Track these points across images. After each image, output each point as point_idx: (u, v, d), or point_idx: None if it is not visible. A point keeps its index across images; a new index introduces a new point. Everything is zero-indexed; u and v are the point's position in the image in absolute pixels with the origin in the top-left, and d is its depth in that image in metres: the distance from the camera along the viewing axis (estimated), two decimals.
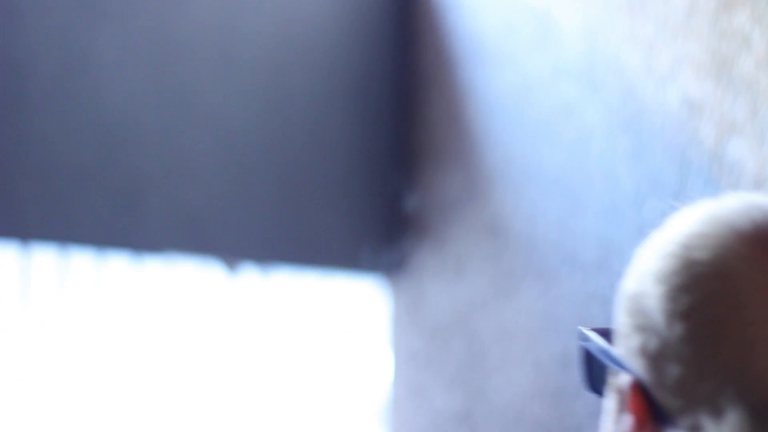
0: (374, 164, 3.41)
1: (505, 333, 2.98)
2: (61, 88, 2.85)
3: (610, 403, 0.87)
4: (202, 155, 3.02)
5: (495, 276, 3.04)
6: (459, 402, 3.26)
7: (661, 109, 2.28)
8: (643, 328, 0.81)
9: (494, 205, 3.03)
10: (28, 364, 2.99)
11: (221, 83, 3.07)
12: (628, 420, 0.81)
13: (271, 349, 3.50)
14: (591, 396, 2.62)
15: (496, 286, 3.04)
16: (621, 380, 0.83)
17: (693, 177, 2.18)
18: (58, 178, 2.83)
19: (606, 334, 0.89)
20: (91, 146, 2.87)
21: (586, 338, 0.90)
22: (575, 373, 2.62)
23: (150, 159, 2.93)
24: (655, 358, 0.79)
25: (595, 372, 0.90)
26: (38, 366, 3.01)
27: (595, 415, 2.45)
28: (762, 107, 1.94)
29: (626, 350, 0.83)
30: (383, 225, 3.47)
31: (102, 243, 2.89)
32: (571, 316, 2.65)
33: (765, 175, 1.94)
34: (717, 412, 0.73)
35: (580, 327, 0.91)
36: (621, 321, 0.85)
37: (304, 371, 3.60)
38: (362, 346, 4.38)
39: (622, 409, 0.84)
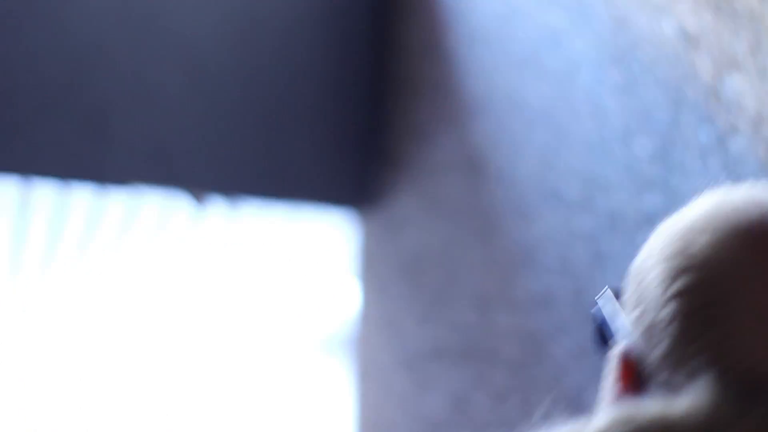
0: (349, 94, 3.29)
1: (482, 270, 2.90)
2: (24, 8, 2.70)
3: (610, 365, 0.93)
4: (172, 83, 2.89)
5: (473, 211, 2.96)
6: (431, 338, 3.19)
7: (655, 40, 2.18)
8: (641, 301, 0.87)
9: (475, 137, 2.93)
10: None
11: (192, 8, 2.93)
12: (619, 384, 0.89)
13: (238, 282, 3.42)
14: (569, 338, 2.54)
15: (474, 222, 2.95)
16: (618, 346, 0.90)
17: (687, 114, 2.09)
18: (20, 106, 2.70)
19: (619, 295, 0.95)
20: (56, 72, 2.73)
21: (599, 301, 0.96)
22: (555, 314, 2.54)
23: (117, 86, 2.80)
24: (648, 331, 0.86)
25: (603, 334, 0.95)
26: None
27: (574, 357, 2.34)
28: (765, 42, 1.85)
29: (627, 319, 0.90)
30: (357, 157, 3.37)
31: (66, 174, 2.77)
32: (552, 256, 2.57)
33: (765, 114, 1.85)
34: (696, 385, 0.81)
35: (606, 287, 0.96)
36: (628, 291, 0.92)
37: (272, 304, 3.51)
38: (331, 279, 4.30)
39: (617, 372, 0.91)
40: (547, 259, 2.58)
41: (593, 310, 0.96)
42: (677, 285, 0.84)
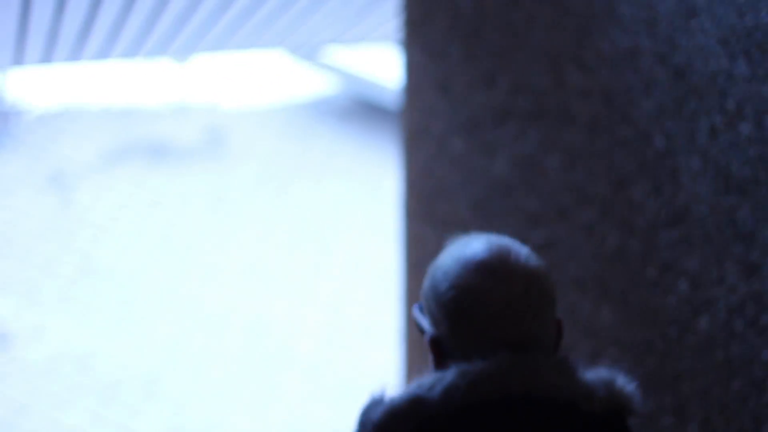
0: None
1: (551, 28, 2.79)
2: None
3: (425, 347, 1.61)
4: None
5: None
6: (492, 101, 3.11)
7: None
8: (431, 312, 1.57)
9: None
10: None
11: None
12: (431, 357, 1.57)
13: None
14: (653, 98, 2.42)
15: None
16: (427, 335, 1.58)
17: None
18: None
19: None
20: None
21: (414, 307, 1.67)
22: (637, 73, 2.44)
23: None
24: (438, 328, 1.55)
25: (419, 328, 1.62)
26: None
27: (658, 117, 2.24)
28: None
29: (427, 321, 1.59)
30: None
31: None
32: (635, 10, 2.45)
33: None
34: (467, 357, 1.50)
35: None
36: (424, 305, 1.60)
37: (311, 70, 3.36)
38: (377, 46, 4.17)
39: (429, 349, 1.58)
40: (629, 15, 2.48)
41: (411, 313, 1.60)
42: (444, 306, 1.53)
